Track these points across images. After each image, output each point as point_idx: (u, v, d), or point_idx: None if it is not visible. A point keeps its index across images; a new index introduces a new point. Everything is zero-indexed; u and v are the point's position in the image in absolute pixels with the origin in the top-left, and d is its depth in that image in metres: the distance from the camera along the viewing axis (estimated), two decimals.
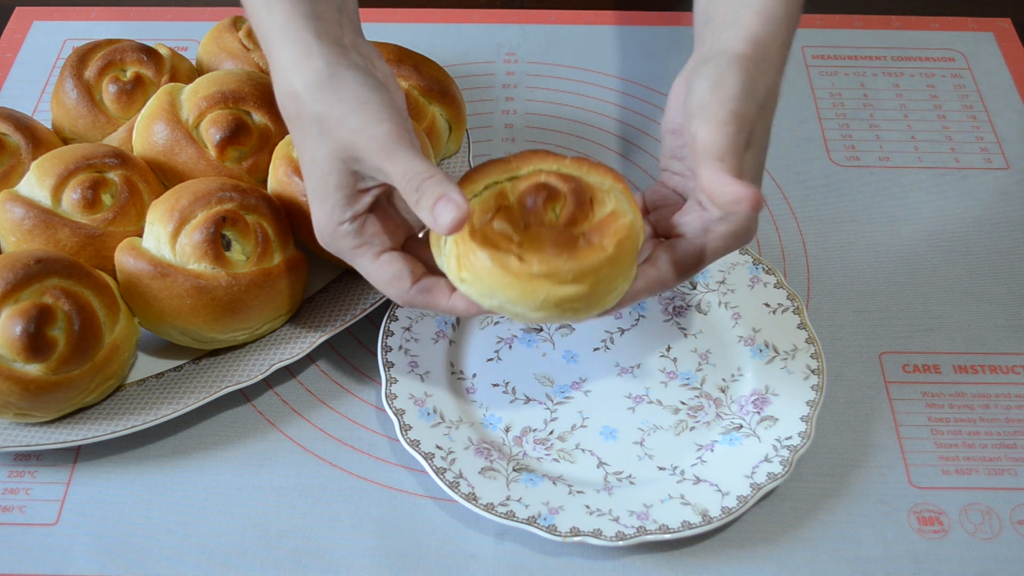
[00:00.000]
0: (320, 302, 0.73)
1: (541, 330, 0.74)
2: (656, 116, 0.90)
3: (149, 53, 0.79)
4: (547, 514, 0.63)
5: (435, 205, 0.52)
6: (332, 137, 0.55)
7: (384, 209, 0.60)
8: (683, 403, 0.70)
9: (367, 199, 0.57)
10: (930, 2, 1.02)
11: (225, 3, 1.00)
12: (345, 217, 0.57)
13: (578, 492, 0.65)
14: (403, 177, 0.53)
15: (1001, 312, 0.76)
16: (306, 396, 0.72)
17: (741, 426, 0.68)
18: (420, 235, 0.62)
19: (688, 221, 0.59)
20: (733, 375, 0.71)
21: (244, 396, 0.71)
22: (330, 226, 0.57)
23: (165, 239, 0.66)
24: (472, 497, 0.63)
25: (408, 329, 0.72)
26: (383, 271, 0.57)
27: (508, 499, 0.63)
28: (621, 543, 0.61)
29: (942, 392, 0.72)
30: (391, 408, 0.67)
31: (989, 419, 0.70)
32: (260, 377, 0.68)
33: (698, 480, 0.65)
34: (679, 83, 0.61)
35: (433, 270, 0.59)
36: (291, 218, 0.71)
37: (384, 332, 0.71)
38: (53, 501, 0.66)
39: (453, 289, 0.58)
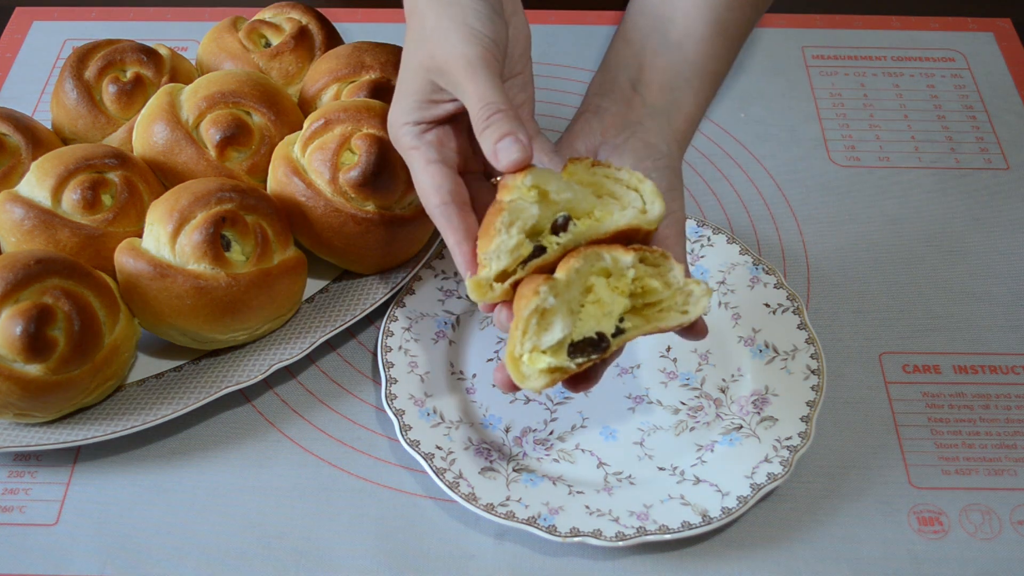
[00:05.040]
0: (320, 302, 0.73)
1: None
2: None
3: (149, 53, 0.79)
4: (547, 514, 0.63)
5: (500, 140, 0.53)
6: (426, 49, 0.57)
7: (458, 128, 0.61)
8: (683, 403, 0.70)
9: (437, 111, 0.59)
10: (930, 2, 1.02)
11: (225, 3, 1.00)
12: (410, 119, 0.59)
13: (578, 492, 0.65)
14: (479, 100, 0.54)
15: (1001, 312, 0.76)
16: (306, 396, 0.72)
17: (741, 426, 0.68)
18: (493, 181, 0.62)
19: None
20: (733, 375, 0.71)
21: (244, 396, 0.71)
22: (396, 123, 0.60)
23: (165, 239, 0.66)
24: (472, 497, 0.63)
25: (408, 329, 0.72)
26: (425, 177, 0.58)
27: (508, 499, 0.63)
28: (621, 543, 0.61)
29: (942, 392, 0.72)
30: (391, 408, 0.67)
31: (989, 419, 0.70)
32: (260, 377, 0.68)
33: (698, 480, 0.65)
34: None
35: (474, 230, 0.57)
36: (291, 218, 0.71)
37: (384, 332, 0.71)
38: (53, 501, 0.66)
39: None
